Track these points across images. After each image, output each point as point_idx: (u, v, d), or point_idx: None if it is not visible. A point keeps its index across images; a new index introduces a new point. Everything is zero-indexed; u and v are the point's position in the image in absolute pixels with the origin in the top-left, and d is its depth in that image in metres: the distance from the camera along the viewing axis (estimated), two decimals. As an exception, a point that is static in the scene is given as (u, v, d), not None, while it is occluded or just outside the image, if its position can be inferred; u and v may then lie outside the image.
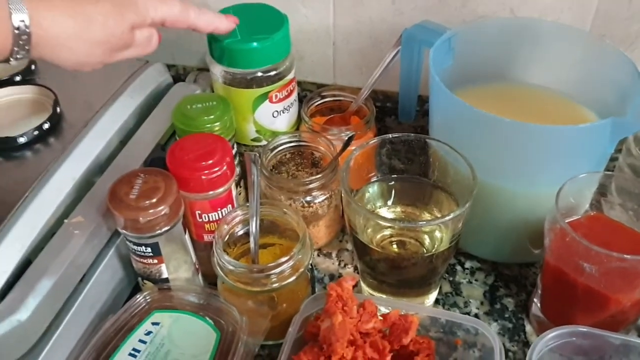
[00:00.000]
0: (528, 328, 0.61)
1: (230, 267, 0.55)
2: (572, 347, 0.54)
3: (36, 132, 0.60)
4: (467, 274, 0.66)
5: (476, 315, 0.63)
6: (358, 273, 0.63)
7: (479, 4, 0.68)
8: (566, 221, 0.55)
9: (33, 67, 0.68)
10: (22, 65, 0.67)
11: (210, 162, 0.58)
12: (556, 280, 0.57)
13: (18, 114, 0.63)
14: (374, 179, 0.61)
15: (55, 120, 0.61)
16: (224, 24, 0.62)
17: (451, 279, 0.66)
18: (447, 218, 0.54)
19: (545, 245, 0.56)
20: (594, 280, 0.53)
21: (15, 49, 0.46)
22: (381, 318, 0.54)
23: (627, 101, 0.57)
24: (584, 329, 0.52)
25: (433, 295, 0.63)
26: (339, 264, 0.68)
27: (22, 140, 0.59)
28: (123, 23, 0.51)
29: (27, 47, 0.46)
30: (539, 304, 0.60)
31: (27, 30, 0.46)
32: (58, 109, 0.62)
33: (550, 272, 0.57)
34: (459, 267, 0.67)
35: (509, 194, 0.60)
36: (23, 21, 0.45)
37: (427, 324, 0.57)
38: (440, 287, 0.65)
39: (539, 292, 0.60)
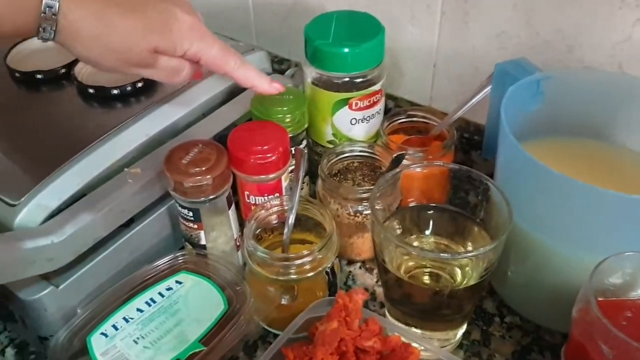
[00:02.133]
0: (544, 401, 0.56)
1: (252, 249, 0.58)
2: None
3: (129, 88, 0.67)
4: (503, 327, 0.62)
5: (495, 372, 0.59)
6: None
7: (586, 53, 0.64)
8: (611, 299, 0.50)
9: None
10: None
11: (265, 147, 0.60)
12: (578, 358, 0.52)
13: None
14: (413, 203, 0.60)
15: (151, 81, 0.68)
16: (264, 86, 0.61)
17: (484, 327, 0.62)
18: (468, 255, 0.52)
19: (572, 316, 0.51)
20: (613, 367, 0.48)
21: (40, 29, 0.49)
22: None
23: None
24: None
25: (456, 335, 0.60)
26: (377, 281, 0.67)
27: (115, 92, 0.66)
28: (144, 43, 0.52)
29: (52, 30, 0.49)
30: (560, 379, 0.55)
31: (54, 17, 0.49)
32: (157, 72, 0.69)
33: (573, 346, 0.52)
34: (497, 319, 0.63)
35: (563, 256, 0.56)
36: (51, 8, 0.48)
37: (439, 364, 0.55)
38: (470, 333, 0.62)
39: (562, 365, 0.55)
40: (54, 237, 0.54)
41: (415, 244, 0.60)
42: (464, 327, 0.60)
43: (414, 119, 0.74)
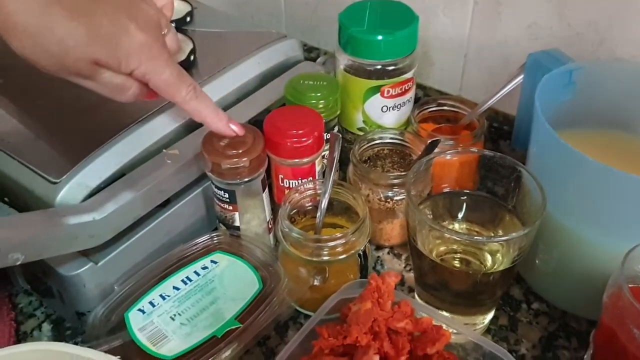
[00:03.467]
0: (573, 386, 0.57)
1: (287, 230, 0.59)
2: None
3: (167, 72, 0.68)
4: (530, 314, 0.63)
5: (523, 357, 0.60)
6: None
7: (618, 45, 0.64)
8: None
9: (188, 19, 0.77)
10: (178, 15, 0.76)
11: (300, 132, 0.62)
12: (608, 342, 0.52)
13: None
14: (447, 189, 0.61)
15: (187, 66, 0.69)
16: (218, 125, 0.58)
17: (512, 313, 0.63)
18: (502, 238, 0.53)
19: (603, 301, 0.52)
20: (644, 352, 0.48)
21: None
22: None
23: None
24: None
25: (484, 321, 0.61)
26: (405, 267, 0.68)
27: (153, 75, 0.67)
28: (83, 52, 0.47)
29: None
30: (588, 364, 0.56)
31: None
32: (192, 57, 0.70)
33: (603, 331, 0.53)
34: (524, 305, 0.64)
35: (593, 244, 0.57)
36: None
37: (469, 347, 0.56)
38: (497, 319, 0.63)
39: (591, 351, 0.56)
40: (95, 214, 0.55)
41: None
42: (492, 313, 0.61)
43: (444, 107, 0.75)
